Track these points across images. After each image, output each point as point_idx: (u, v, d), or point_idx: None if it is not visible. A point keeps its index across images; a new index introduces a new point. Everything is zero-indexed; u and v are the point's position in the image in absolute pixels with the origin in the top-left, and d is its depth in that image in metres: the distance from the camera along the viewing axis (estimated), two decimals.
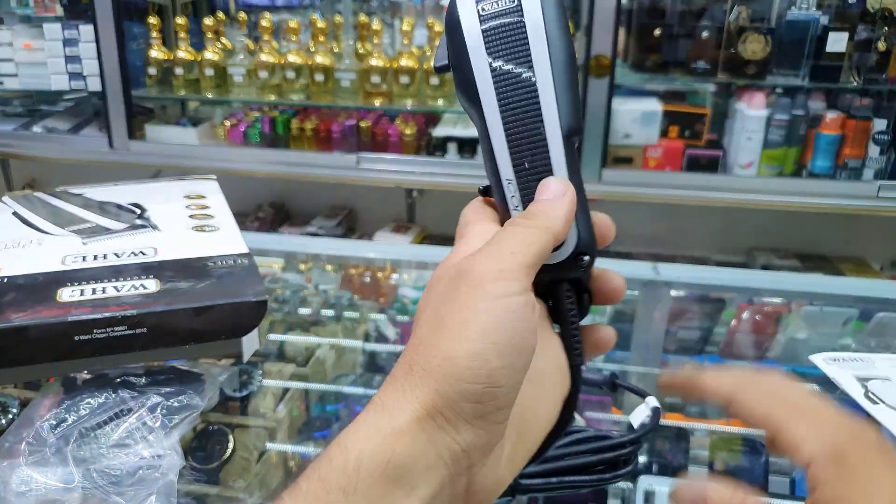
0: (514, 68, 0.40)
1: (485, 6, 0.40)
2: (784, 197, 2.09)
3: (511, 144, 0.41)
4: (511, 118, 0.40)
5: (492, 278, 0.35)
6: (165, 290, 0.69)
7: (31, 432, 0.64)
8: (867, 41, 2.00)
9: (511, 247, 0.36)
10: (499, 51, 0.40)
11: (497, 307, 0.34)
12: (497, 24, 0.40)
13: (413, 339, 0.36)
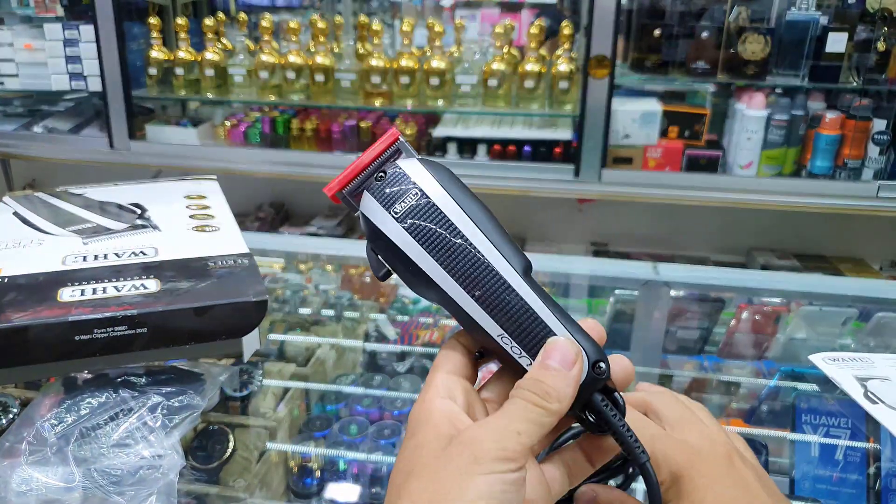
0: (450, 243, 0.44)
1: (396, 208, 0.45)
2: (783, 197, 2.09)
3: (485, 306, 0.44)
4: (471, 285, 0.44)
5: (493, 457, 0.37)
6: (166, 290, 0.69)
7: (31, 432, 0.64)
8: (867, 41, 2.00)
9: (518, 426, 0.38)
10: (428, 237, 0.44)
11: (492, 481, 0.36)
12: (414, 217, 0.44)
13: (401, 492, 0.38)
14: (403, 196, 0.45)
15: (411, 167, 0.46)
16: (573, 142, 2.18)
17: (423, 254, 0.44)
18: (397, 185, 0.45)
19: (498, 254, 0.44)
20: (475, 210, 0.45)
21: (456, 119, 2.35)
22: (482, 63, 2.22)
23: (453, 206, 0.45)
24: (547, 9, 2.51)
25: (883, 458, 0.86)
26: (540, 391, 0.40)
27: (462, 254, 0.44)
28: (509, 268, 0.44)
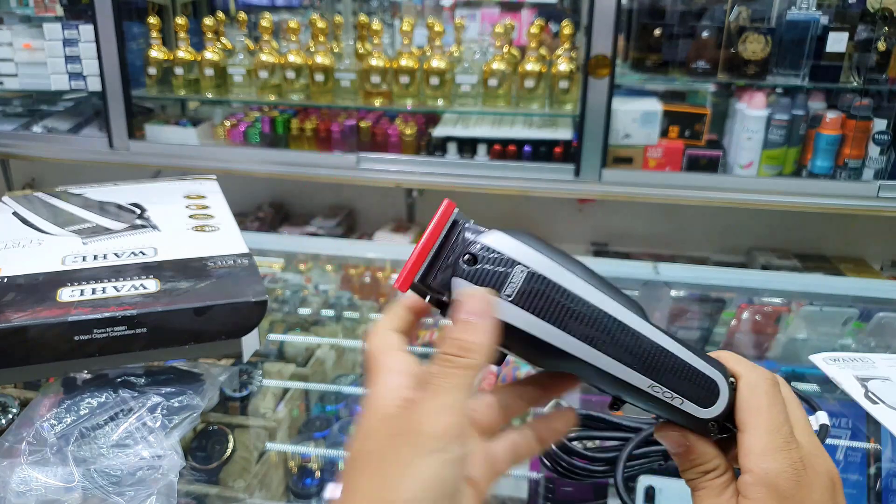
0: (574, 311, 0.42)
1: (507, 291, 0.41)
2: (784, 197, 2.09)
3: (628, 362, 0.43)
4: (608, 346, 0.42)
5: (433, 438, 0.37)
6: (165, 290, 0.69)
7: (31, 432, 0.64)
8: (867, 41, 2.00)
9: (446, 399, 0.38)
10: (552, 311, 0.42)
11: (435, 462, 0.37)
12: (531, 295, 0.42)
13: (349, 491, 0.38)
14: (509, 276, 0.42)
15: (503, 242, 0.42)
16: (573, 141, 2.18)
17: (553, 330, 0.42)
18: (496, 264, 0.42)
19: (619, 307, 0.43)
20: (579, 269, 0.43)
21: (456, 119, 2.35)
22: (482, 63, 2.22)
23: (562, 273, 0.42)
24: (546, 8, 2.51)
25: (883, 458, 0.86)
26: (459, 349, 0.39)
27: (590, 318, 0.42)
28: (634, 317, 0.43)
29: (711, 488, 0.45)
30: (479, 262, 0.42)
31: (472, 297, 0.41)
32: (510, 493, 1.01)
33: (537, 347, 0.42)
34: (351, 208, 2.80)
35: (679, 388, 0.44)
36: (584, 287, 0.42)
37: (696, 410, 0.45)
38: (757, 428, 0.43)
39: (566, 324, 0.42)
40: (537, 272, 0.42)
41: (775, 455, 0.43)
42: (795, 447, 0.43)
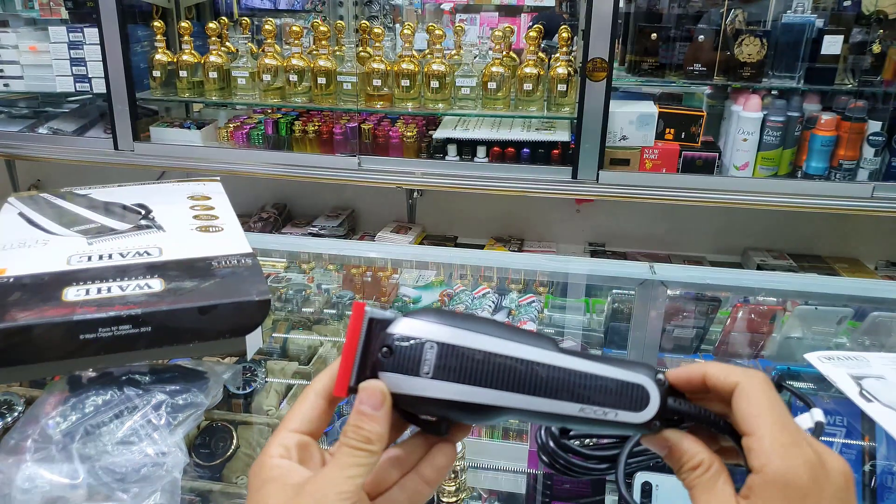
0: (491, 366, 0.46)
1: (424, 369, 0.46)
2: (779, 197, 2.09)
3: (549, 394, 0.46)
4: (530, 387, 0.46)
5: (334, 499, 0.43)
6: (170, 290, 0.69)
7: (36, 430, 0.65)
8: (862, 44, 2.01)
9: (349, 472, 0.44)
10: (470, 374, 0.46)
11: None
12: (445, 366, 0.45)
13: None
14: (422, 355, 0.46)
15: (410, 327, 0.46)
16: (571, 143, 2.19)
17: (476, 390, 0.45)
18: (409, 351, 0.46)
19: (530, 348, 0.46)
20: (485, 326, 0.46)
21: (456, 121, 2.36)
22: (481, 66, 2.23)
23: (468, 336, 0.46)
24: (544, 10, 2.52)
25: (878, 455, 0.86)
26: (360, 437, 0.45)
27: (505, 367, 0.46)
28: (547, 353, 0.46)
29: (702, 484, 0.45)
30: (395, 351, 0.46)
31: (367, 389, 0.46)
32: (508, 488, 1.02)
33: (467, 409, 0.46)
34: (353, 209, 2.81)
35: (607, 403, 0.46)
36: (492, 342, 0.46)
37: (634, 417, 0.47)
38: (763, 428, 0.43)
39: (485, 380, 0.45)
40: (446, 342, 0.45)
41: (787, 452, 0.42)
42: (807, 443, 0.43)
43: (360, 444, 0.45)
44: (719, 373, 0.47)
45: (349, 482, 0.44)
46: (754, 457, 0.43)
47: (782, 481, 0.41)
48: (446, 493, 0.97)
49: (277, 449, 0.47)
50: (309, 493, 0.44)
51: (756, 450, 0.43)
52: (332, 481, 0.44)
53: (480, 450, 1.06)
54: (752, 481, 0.43)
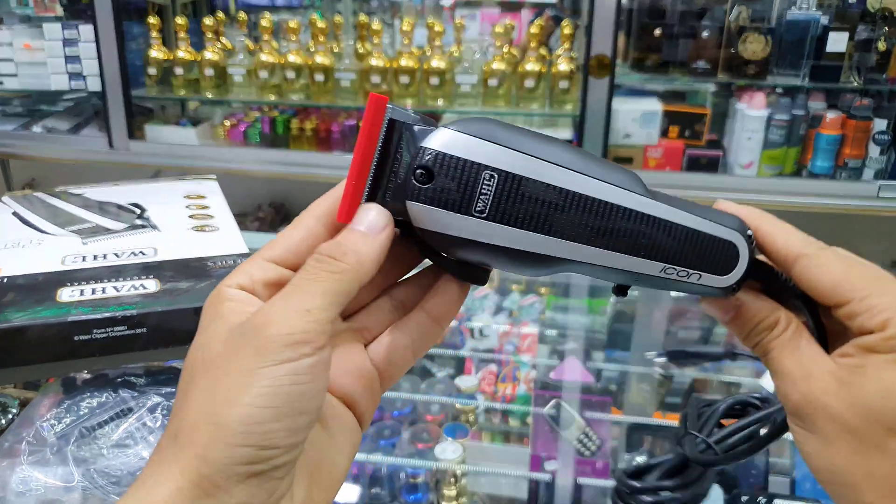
0: (564, 207, 0.36)
1: (478, 206, 0.35)
2: (784, 197, 2.08)
3: (631, 250, 0.37)
4: (600, 237, 0.37)
5: (280, 344, 0.31)
6: (165, 290, 0.69)
7: (31, 432, 0.64)
8: (867, 41, 2.00)
9: (307, 302, 0.32)
10: (537, 217, 0.36)
11: (281, 371, 0.31)
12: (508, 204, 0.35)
13: (180, 405, 0.33)
14: (477, 187, 0.34)
15: (460, 144, 0.34)
16: (574, 141, 2.18)
17: (541, 238, 0.35)
18: (458, 175, 0.34)
19: (612, 188, 0.36)
20: (555, 151, 0.36)
21: (456, 119, 2.34)
22: (482, 63, 2.22)
23: (539, 166, 0.35)
24: (547, 7, 2.51)
25: None
26: (337, 252, 0.34)
27: (583, 212, 0.36)
28: (632, 196, 0.37)
29: (783, 344, 0.39)
30: (436, 176, 0.34)
31: (366, 209, 0.36)
32: (510, 493, 1.01)
33: (527, 259, 0.36)
34: None
35: (695, 264, 0.38)
36: (568, 176, 0.35)
37: (718, 280, 0.39)
38: (868, 288, 0.37)
39: (556, 227, 0.36)
40: (510, 173, 0.35)
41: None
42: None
43: (331, 261, 0.34)
44: (776, 236, 0.40)
45: (304, 318, 0.32)
46: (867, 318, 0.36)
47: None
48: (446, 498, 0.97)
49: (240, 277, 0.36)
50: (247, 333, 0.32)
51: (867, 311, 0.36)
52: (280, 313, 0.32)
53: (481, 454, 1.05)
54: (870, 340, 0.36)
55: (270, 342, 0.31)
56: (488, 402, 1.13)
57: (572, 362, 1.18)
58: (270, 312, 0.33)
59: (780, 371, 0.39)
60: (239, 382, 0.31)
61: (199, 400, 0.32)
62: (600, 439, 0.96)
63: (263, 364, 0.31)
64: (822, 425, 0.37)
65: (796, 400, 0.38)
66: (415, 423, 1.08)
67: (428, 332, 0.40)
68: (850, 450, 0.36)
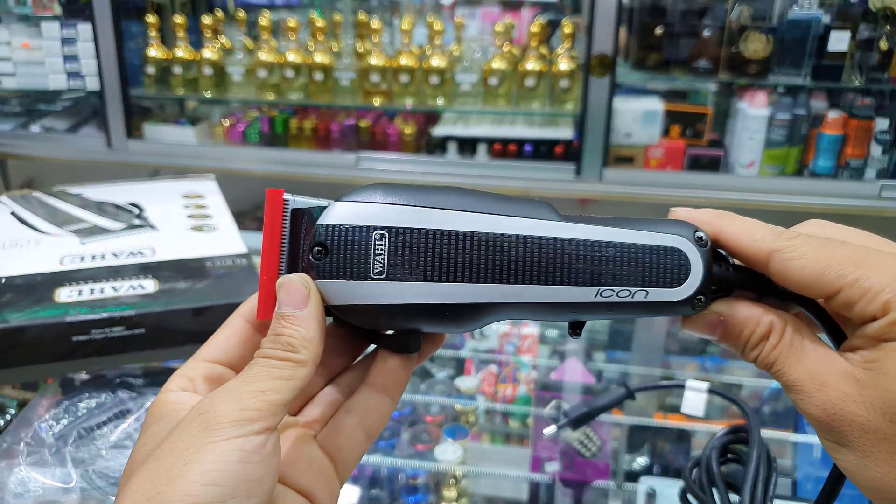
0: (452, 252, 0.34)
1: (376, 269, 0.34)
2: (786, 196, 2.08)
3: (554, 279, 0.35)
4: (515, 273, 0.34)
5: (230, 420, 0.30)
6: (164, 291, 0.69)
7: (29, 433, 0.64)
8: (869, 40, 2.00)
9: (262, 385, 0.32)
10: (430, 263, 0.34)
11: (228, 448, 0.30)
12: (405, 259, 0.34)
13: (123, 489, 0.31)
14: (370, 249, 0.34)
15: (345, 213, 0.34)
16: (574, 141, 2.17)
17: (453, 288, 0.34)
18: (350, 245, 0.34)
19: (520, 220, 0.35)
20: (449, 195, 0.34)
21: (456, 118, 2.34)
22: (482, 61, 2.21)
23: (429, 213, 0.34)
24: (548, 7, 2.50)
25: None
26: (280, 344, 0.33)
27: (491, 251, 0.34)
28: (545, 224, 0.35)
29: (785, 353, 0.34)
30: (331, 250, 0.34)
31: (284, 286, 0.34)
32: (510, 495, 1.01)
33: (446, 313, 0.34)
34: None
35: (633, 280, 0.35)
36: (465, 218, 0.34)
37: (671, 294, 0.35)
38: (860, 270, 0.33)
39: (462, 272, 0.34)
40: (398, 227, 0.34)
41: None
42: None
43: (281, 351, 0.33)
44: (742, 237, 0.35)
45: (257, 398, 0.31)
46: (866, 303, 0.32)
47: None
48: (446, 499, 0.96)
49: (179, 381, 0.36)
50: (196, 414, 0.31)
51: (863, 296, 0.32)
52: (232, 393, 0.31)
53: (481, 455, 1.05)
54: (877, 327, 0.32)
55: (220, 417, 0.30)
56: (488, 403, 1.13)
57: (573, 363, 1.18)
58: (221, 391, 0.32)
59: (791, 384, 0.34)
60: (184, 459, 0.30)
61: (139, 484, 0.30)
62: (601, 440, 0.96)
63: (211, 440, 0.30)
64: (853, 437, 0.32)
65: (817, 414, 0.33)
66: (414, 424, 1.07)
67: (377, 407, 0.38)
68: (893, 461, 0.31)
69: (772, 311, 0.35)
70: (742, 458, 0.64)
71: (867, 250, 0.34)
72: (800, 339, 0.34)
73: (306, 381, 0.33)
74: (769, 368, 0.35)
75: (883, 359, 0.31)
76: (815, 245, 0.34)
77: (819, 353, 0.34)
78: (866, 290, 0.32)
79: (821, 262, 0.33)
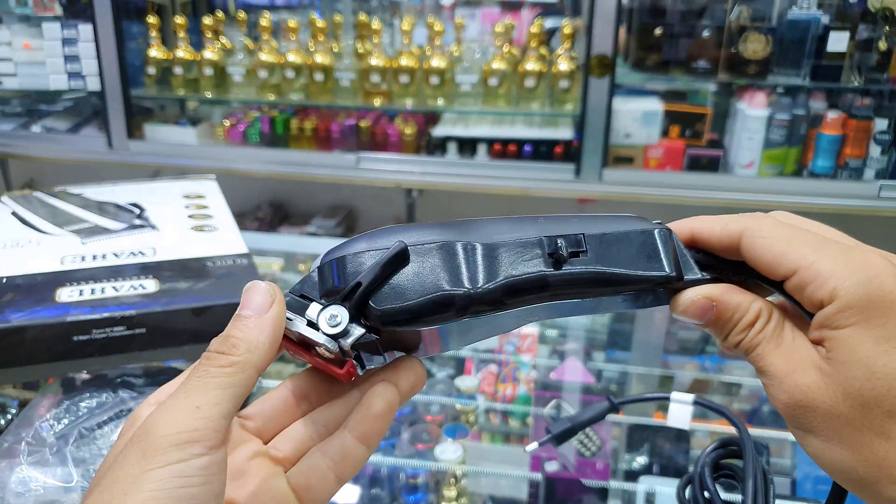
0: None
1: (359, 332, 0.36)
2: (785, 196, 2.08)
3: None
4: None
5: (168, 445, 0.29)
6: (164, 290, 0.69)
7: (30, 432, 0.64)
8: (868, 41, 2.00)
9: (198, 399, 0.31)
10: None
11: (166, 475, 0.29)
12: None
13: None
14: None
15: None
16: (574, 141, 2.17)
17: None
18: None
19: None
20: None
21: (456, 118, 2.35)
22: (482, 62, 2.22)
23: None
24: (547, 7, 2.51)
25: None
26: (226, 346, 0.33)
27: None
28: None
29: (766, 340, 0.36)
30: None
31: (252, 289, 0.35)
32: (510, 494, 1.01)
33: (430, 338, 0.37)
34: (351, 208, 2.80)
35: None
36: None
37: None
38: (811, 254, 0.34)
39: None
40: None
41: (853, 263, 0.33)
42: (870, 251, 0.35)
43: (220, 355, 0.32)
44: (713, 225, 0.38)
45: (194, 415, 0.30)
46: (815, 288, 0.33)
47: (865, 298, 0.32)
48: (446, 499, 0.96)
49: (157, 396, 0.36)
50: (135, 438, 0.30)
51: (814, 280, 0.33)
52: (168, 414, 0.30)
53: (481, 454, 1.05)
54: (824, 316, 0.33)
55: (157, 443, 0.29)
56: (488, 403, 1.13)
57: (573, 363, 1.18)
58: (159, 411, 0.31)
59: (766, 370, 0.35)
60: (123, 489, 0.29)
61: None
62: (600, 440, 0.96)
63: (149, 467, 0.29)
64: (818, 423, 0.33)
65: (785, 401, 0.34)
66: (414, 424, 1.08)
67: (352, 454, 0.37)
68: (855, 444, 0.33)
69: (760, 299, 0.37)
70: (736, 474, 0.63)
71: (828, 241, 0.35)
72: (781, 327, 0.36)
73: (247, 388, 0.32)
74: (748, 353, 0.36)
75: (838, 347, 0.33)
76: (781, 227, 0.36)
77: (797, 343, 0.35)
78: (817, 274, 0.33)
79: (784, 242, 0.35)
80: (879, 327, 0.32)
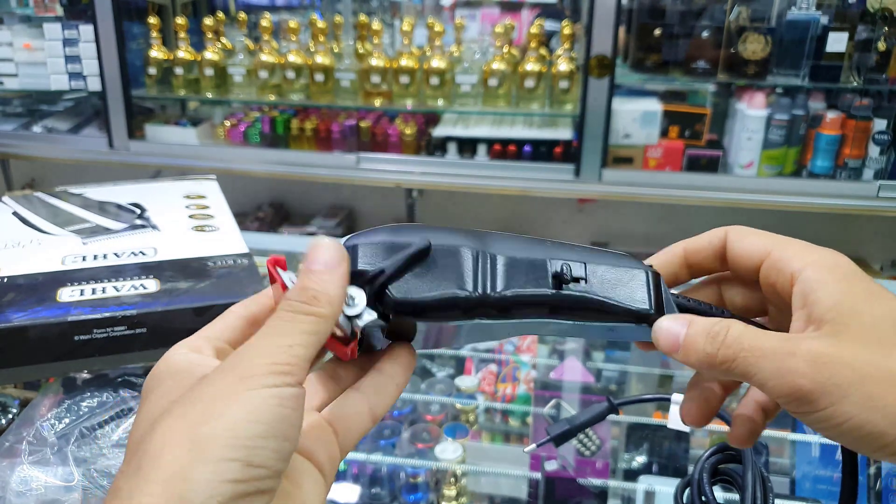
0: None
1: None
2: (784, 197, 2.08)
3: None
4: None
5: (265, 372, 0.31)
6: (165, 290, 0.69)
7: (31, 432, 0.64)
8: (867, 41, 2.00)
9: (288, 340, 0.33)
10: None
11: (266, 394, 0.31)
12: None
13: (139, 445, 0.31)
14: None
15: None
16: (573, 141, 2.18)
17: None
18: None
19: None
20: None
21: (456, 119, 2.35)
22: (482, 63, 2.22)
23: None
24: (546, 8, 2.51)
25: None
26: (307, 297, 0.34)
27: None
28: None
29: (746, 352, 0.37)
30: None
31: (326, 245, 0.36)
32: (510, 493, 1.01)
33: None
34: (351, 208, 2.80)
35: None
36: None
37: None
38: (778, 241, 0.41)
39: None
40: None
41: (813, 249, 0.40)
42: None
43: (306, 306, 0.34)
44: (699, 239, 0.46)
45: (286, 352, 0.32)
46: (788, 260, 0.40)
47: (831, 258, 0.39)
48: (446, 498, 0.97)
49: (185, 347, 0.37)
50: (227, 366, 0.32)
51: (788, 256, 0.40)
52: (262, 348, 0.32)
53: (481, 454, 1.05)
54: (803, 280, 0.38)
55: (255, 369, 0.31)
56: (488, 402, 1.13)
57: (572, 362, 1.18)
58: (251, 346, 0.33)
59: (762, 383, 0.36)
60: (222, 402, 0.30)
61: (170, 428, 0.30)
62: (600, 439, 0.96)
63: (249, 387, 0.30)
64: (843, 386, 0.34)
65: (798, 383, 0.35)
66: (415, 423, 1.08)
67: (384, 387, 0.39)
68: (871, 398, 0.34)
69: (713, 319, 0.39)
70: (735, 480, 0.63)
71: (800, 241, 0.41)
72: (753, 331, 0.37)
73: (324, 339, 0.34)
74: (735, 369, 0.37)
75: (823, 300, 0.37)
76: (758, 231, 0.43)
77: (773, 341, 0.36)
78: (779, 259, 0.40)
79: (762, 234, 0.42)
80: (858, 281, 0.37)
